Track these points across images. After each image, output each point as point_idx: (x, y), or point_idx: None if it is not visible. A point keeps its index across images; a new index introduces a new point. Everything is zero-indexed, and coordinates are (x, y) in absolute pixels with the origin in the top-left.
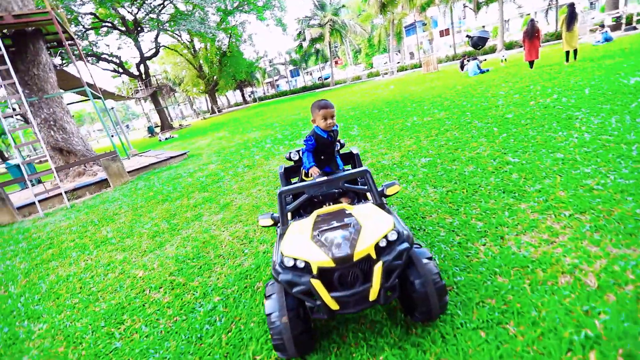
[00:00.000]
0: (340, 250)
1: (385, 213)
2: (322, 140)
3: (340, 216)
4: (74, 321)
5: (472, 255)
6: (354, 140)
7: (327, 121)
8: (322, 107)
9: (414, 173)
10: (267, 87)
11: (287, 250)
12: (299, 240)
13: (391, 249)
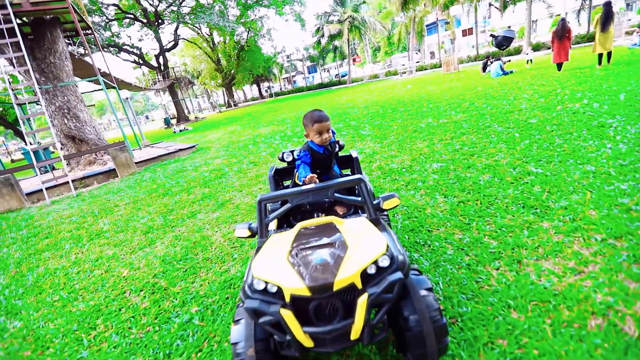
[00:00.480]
0: (318, 276)
1: (379, 232)
2: (318, 156)
3: (326, 232)
4: (48, 321)
5: (483, 281)
6: (363, 140)
7: (322, 136)
8: (316, 120)
9: (423, 179)
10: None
11: (258, 269)
12: (274, 259)
13: (381, 277)
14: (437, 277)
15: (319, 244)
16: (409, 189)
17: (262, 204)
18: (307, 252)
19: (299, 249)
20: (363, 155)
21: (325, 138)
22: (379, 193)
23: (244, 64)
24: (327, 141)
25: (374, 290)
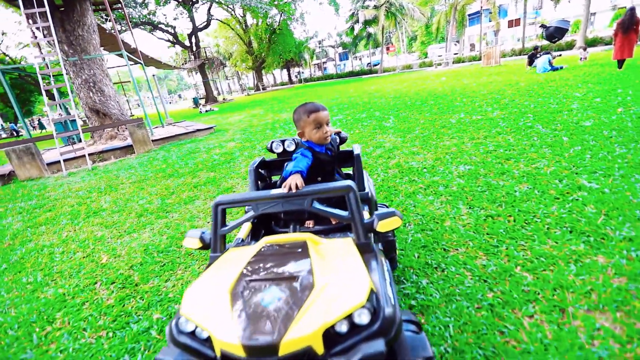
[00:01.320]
0: (261, 330)
1: (364, 266)
2: (322, 157)
3: (293, 256)
4: (13, 306)
5: (510, 334)
6: (385, 132)
7: (321, 130)
8: (312, 110)
9: (446, 183)
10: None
11: (189, 304)
12: (214, 289)
13: (354, 341)
14: (447, 318)
15: (276, 275)
16: (427, 193)
17: (219, 208)
18: (258, 285)
19: (250, 280)
20: (381, 149)
21: (326, 133)
22: (391, 196)
23: (275, 48)
24: (328, 137)
25: None
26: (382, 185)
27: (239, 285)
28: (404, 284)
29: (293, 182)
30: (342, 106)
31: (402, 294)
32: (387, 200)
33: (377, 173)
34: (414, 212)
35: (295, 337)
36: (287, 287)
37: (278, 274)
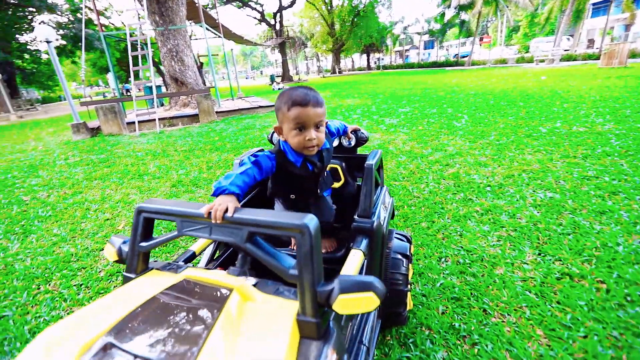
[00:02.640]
0: None
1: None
2: (296, 171)
3: (192, 316)
4: (33, 256)
5: None
6: (452, 133)
7: (304, 134)
8: (296, 101)
9: (513, 212)
10: (395, 56)
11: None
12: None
13: None
14: None
15: (154, 339)
16: (483, 221)
17: (142, 217)
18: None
19: (111, 346)
20: (441, 153)
21: (311, 140)
22: (434, 215)
23: (357, 31)
24: (314, 148)
25: None
26: (427, 199)
27: (101, 346)
28: (408, 352)
29: (219, 207)
30: (413, 98)
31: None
32: (428, 220)
33: (426, 182)
34: (457, 244)
35: None
36: None
37: (157, 335)
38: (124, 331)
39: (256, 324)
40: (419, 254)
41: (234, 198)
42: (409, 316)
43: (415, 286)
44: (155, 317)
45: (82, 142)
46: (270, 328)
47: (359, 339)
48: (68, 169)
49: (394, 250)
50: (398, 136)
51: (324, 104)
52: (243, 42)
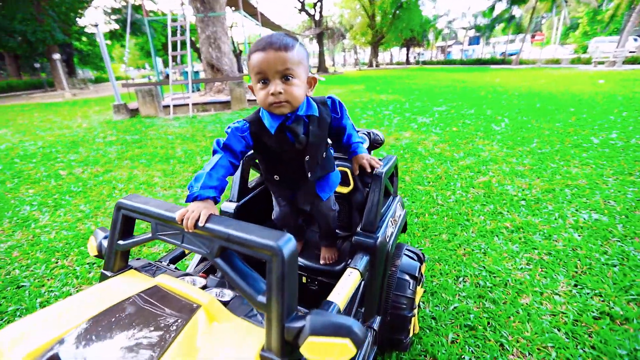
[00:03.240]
0: None
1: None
2: (268, 141)
3: (150, 331)
4: (58, 230)
5: None
6: (489, 137)
7: (267, 88)
8: (258, 47)
9: (549, 232)
10: (436, 51)
11: None
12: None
13: None
14: None
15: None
16: (512, 239)
17: (121, 213)
18: None
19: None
20: (474, 159)
21: (276, 95)
22: (457, 227)
23: (398, 24)
24: (282, 102)
25: None
26: (452, 209)
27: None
28: None
29: (191, 215)
30: (450, 96)
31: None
32: (449, 232)
33: (453, 189)
34: (479, 263)
35: None
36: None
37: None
38: (74, 343)
39: (215, 351)
40: (434, 270)
41: (208, 203)
42: (414, 340)
43: (425, 306)
44: (113, 329)
45: (121, 122)
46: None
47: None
48: (104, 147)
49: (401, 269)
50: (429, 137)
51: (299, 50)
52: (281, 31)
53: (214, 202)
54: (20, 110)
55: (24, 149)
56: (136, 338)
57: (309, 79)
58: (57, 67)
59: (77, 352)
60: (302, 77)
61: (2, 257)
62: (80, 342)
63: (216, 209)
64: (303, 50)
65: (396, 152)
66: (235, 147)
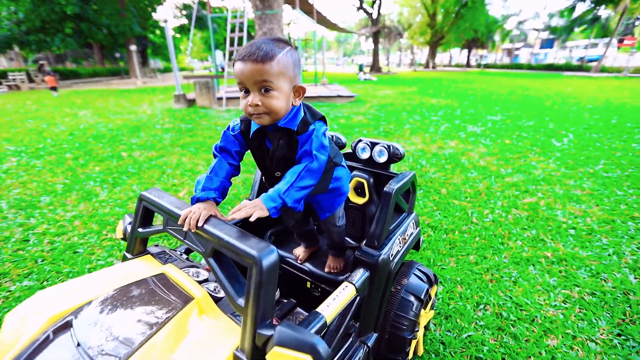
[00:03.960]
0: None
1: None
2: (250, 142)
3: (150, 314)
4: (111, 206)
5: None
6: (546, 153)
7: (247, 99)
8: (239, 56)
9: (598, 269)
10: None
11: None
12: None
13: None
14: None
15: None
16: (551, 272)
17: (142, 204)
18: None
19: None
20: (522, 176)
21: (252, 107)
22: (488, 249)
23: (460, 23)
24: (260, 114)
25: None
26: (487, 229)
27: (62, 322)
28: None
29: (193, 215)
30: (509, 104)
31: None
32: (479, 254)
33: (492, 207)
34: (506, 292)
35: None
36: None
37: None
38: (86, 314)
39: (197, 341)
40: (453, 292)
41: (209, 204)
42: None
43: (436, 329)
44: (120, 305)
45: (179, 111)
46: (208, 352)
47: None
48: (161, 133)
49: (406, 289)
50: (476, 148)
51: (281, 60)
52: (336, 29)
53: (215, 202)
54: (100, 95)
55: (97, 130)
56: (137, 316)
57: (296, 87)
58: (133, 57)
59: (87, 320)
60: (283, 89)
61: (67, 225)
62: (92, 313)
63: (217, 210)
64: (287, 59)
65: (437, 162)
66: (230, 148)
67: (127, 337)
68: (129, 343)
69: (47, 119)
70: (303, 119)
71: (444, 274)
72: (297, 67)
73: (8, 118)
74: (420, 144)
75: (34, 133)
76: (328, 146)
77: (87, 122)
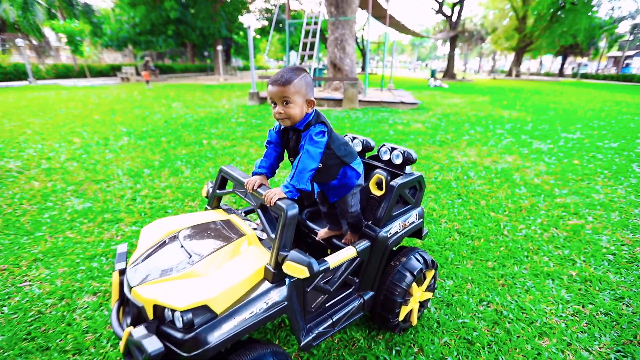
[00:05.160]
0: (137, 271)
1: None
2: (281, 137)
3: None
4: (186, 182)
5: None
6: (618, 179)
7: (274, 109)
8: (270, 80)
9: (624, 294)
10: (607, 62)
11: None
12: (162, 227)
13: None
14: None
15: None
16: (569, 288)
17: (221, 174)
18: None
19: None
20: (578, 198)
21: (278, 114)
22: (510, 259)
23: (555, 28)
24: (283, 119)
25: (140, 333)
26: (515, 242)
27: (172, 237)
28: (386, 354)
29: (251, 182)
30: (593, 122)
31: None
32: (498, 262)
33: (529, 224)
34: (514, 297)
35: (137, 293)
36: (182, 260)
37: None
38: (186, 232)
39: (244, 257)
40: (461, 287)
41: (260, 177)
42: (411, 331)
43: (435, 312)
44: (202, 232)
45: (252, 107)
46: (250, 263)
47: (329, 313)
48: (235, 126)
49: (404, 265)
50: (535, 165)
51: (296, 83)
52: (410, 33)
53: (265, 176)
54: (189, 89)
55: (185, 120)
56: (210, 238)
57: (308, 100)
58: (218, 56)
59: (186, 235)
60: (297, 102)
61: (160, 192)
62: (188, 232)
63: (266, 181)
64: (302, 82)
65: (486, 175)
66: (273, 141)
67: (204, 247)
68: (205, 251)
69: (148, 107)
70: (308, 122)
71: (457, 272)
72: (309, 87)
73: (121, 105)
74: (474, 156)
75: (139, 119)
76: (321, 141)
77: (178, 112)
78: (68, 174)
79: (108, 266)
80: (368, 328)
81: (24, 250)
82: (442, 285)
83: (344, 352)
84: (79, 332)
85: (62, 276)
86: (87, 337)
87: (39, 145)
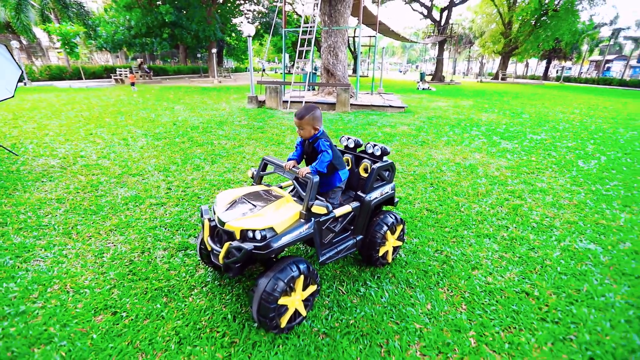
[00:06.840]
0: (224, 215)
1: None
2: (302, 146)
3: (269, 199)
4: (209, 176)
5: None
6: (563, 172)
7: (298, 131)
8: (294, 115)
9: (535, 246)
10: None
11: (219, 196)
12: (232, 194)
13: (246, 242)
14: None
15: (254, 202)
16: (488, 249)
17: (263, 161)
18: (244, 201)
19: (243, 198)
20: (524, 186)
21: (301, 133)
22: (462, 227)
23: (540, 33)
24: (300, 135)
25: (234, 244)
26: (469, 216)
27: (239, 198)
28: (369, 282)
29: (288, 163)
30: (562, 124)
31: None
32: (453, 228)
33: (482, 204)
34: (459, 248)
35: (230, 224)
36: (250, 208)
37: (254, 202)
38: (248, 195)
39: (286, 208)
40: (424, 243)
41: (293, 161)
42: (387, 267)
43: (405, 257)
44: (258, 195)
45: (252, 110)
46: (291, 209)
47: (335, 245)
48: (239, 128)
49: (382, 220)
50: (497, 161)
51: (305, 118)
52: (399, 38)
53: (295, 161)
54: (186, 92)
55: (192, 122)
56: (260, 201)
57: (314, 127)
58: (212, 58)
59: (246, 197)
60: (307, 128)
61: (190, 182)
62: (242, 200)
63: (297, 164)
64: (311, 116)
65: (456, 169)
66: (298, 145)
67: (262, 202)
68: (262, 204)
69: (153, 110)
70: (315, 137)
71: (422, 234)
72: (317, 118)
73: (126, 108)
74: (448, 154)
75: (148, 121)
76: (330, 149)
77: (182, 115)
78: (105, 169)
79: (169, 233)
80: (359, 265)
81: (98, 224)
82: (411, 242)
83: (343, 277)
84: (163, 270)
85: (136, 240)
86: (171, 272)
87: (67, 145)
